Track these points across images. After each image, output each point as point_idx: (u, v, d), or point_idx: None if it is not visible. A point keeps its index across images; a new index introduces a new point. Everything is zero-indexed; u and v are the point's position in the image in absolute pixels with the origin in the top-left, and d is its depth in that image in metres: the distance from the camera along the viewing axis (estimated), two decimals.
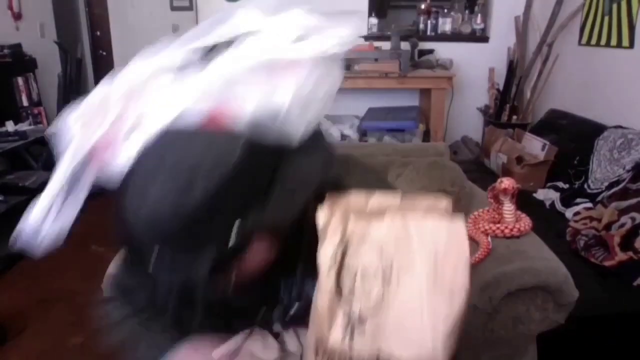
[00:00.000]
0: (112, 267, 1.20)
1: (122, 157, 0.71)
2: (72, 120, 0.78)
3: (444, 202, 0.61)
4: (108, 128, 0.74)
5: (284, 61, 0.73)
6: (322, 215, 0.59)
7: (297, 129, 0.71)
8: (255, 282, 0.74)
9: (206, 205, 0.63)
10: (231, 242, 0.65)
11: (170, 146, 0.69)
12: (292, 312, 0.87)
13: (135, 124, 0.73)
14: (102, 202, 0.77)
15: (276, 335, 0.91)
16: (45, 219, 0.76)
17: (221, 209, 0.64)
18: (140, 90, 0.76)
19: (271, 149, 0.69)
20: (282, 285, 0.87)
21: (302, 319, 0.83)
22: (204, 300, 0.70)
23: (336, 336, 0.55)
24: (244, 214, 0.66)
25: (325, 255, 0.57)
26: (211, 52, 0.77)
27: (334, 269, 0.57)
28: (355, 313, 0.55)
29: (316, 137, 0.75)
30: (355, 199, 0.62)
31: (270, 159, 0.69)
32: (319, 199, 0.67)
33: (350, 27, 0.81)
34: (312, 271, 0.67)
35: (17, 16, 3.73)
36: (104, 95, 0.78)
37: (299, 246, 0.75)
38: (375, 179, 0.96)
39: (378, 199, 0.62)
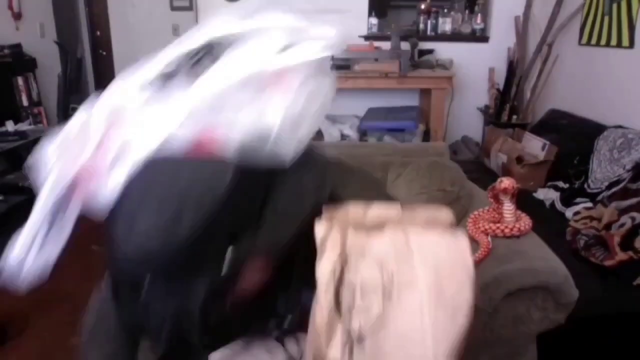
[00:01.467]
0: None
1: (109, 188, 0.68)
2: (51, 151, 0.74)
3: (445, 214, 0.59)
4: (90, 157, 0.70)
5: (271, 73, 0.69)
6: (320, 229, 0.58)
7: (289, 150, 0.68)
8: (251, 300, 0.73)
9: (196, 234, 0.61)
10: (224, 270, 0.64)
11: (157, 175, 0.67)
12: (286, 324, 0.84)
13: (119, 152, 0.69)
14: None
15: (277, 340, 0.90)
16: (28, 253, 0.73)
17: (212, 237, 0.63)
18: (122, 114, 0.72)
19: (262, 172, 0.67)
20: (279, 298, 0.85)
21: (299, 328, 0.82)
22: (200, 326, 0.69)
23: (335, 353, 0.54)
24: (237, 240, 0.64)
25: (324, 270, 0.56)
26: (196, 65, 0.74)
27: (332, 284, 0.55)
28: (355, 330, 0.53)
29: (308, 153, 0.72)
30: (353, 211, 0.61)
31: (261, 182, 0.67)
32: (315, 213, 0.65)
33: (334, 26, 0.77)
34: (308, 280, 0.65)
35: (17, 16, 3.73)
36: (83, 122, 0.75)
37: (294, 260, 0.73)
38: (373, 187, 0.94)
39: (377, 211, 0.60)
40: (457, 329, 0.53)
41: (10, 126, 3.18)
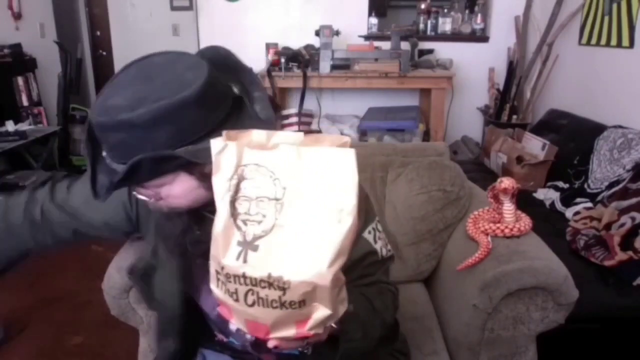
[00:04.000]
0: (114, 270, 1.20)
1: None
2: None
3: (346, 139, 0.63)
4: None
5: None
6: (216, 145, 0.61)
7: None
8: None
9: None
10: None
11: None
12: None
13: None
14: None
15: None
16: None
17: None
18: None
19: None
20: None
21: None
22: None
23: (230, 259, 0.59)
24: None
25: (219, 183, 0.60)
26: None
27: (228, 195, 0.60)
28: (250, 236, 0.59)
29: None
30: (257, 134, 0.64)
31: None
32: None
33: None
34: None
35: (17, 16, 3.73)
36: None
37: None
38: None
39: (280, 137, 0.64)
40: (342, 234, 0.58)
41: (10, 126, 3.18)
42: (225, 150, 0.61)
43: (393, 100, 3.76)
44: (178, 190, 0.78)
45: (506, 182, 1.20)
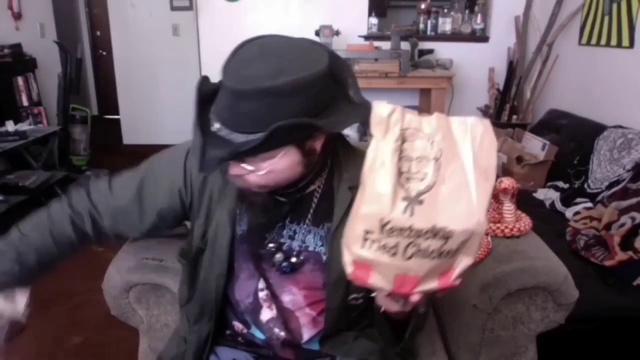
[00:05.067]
0: (115, 268, 1.20)
1: None
2: None
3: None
4: None
5: None
6: (383, 108, 0.67)
7: None
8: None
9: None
10: None
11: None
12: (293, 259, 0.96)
13: None
14: None
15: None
16: None
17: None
18: None
19: None
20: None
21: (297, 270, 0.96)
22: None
23: (398, 213, 0.64)
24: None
25: (386, 145, 0.66)
26: None
27: (396, 155, 0.65)
28: (414, 192, 0.64)
29: None
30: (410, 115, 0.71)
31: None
32: None
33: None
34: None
35: (17, 16, 3.73)
36: None
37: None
38: None
39: (429, 117, 0.70)
40: (489, 189, 0.67)
41: (10, 126, 3.18)
42: (394, 114, 0.66)
43: (393, 100, 3.67)
44: (283, 164, 0.81)
45: (506, 182, 1.21)
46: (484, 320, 1.16)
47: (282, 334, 0.97)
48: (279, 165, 0.81)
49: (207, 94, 0.82)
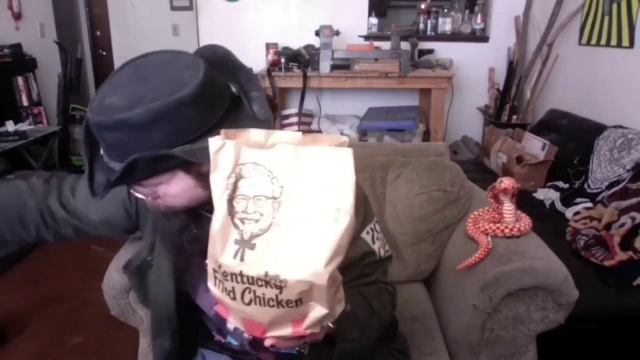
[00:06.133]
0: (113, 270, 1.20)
1: None
2: None
3: (344, 138, 0.63)
4: None
5: None
6: (214, 144, 0.61)
7: None
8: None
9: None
10: None
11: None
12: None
13: None
14: None
15: None
16: None
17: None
18: None
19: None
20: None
21: None
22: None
23: (228, 257, 0.59)
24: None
25: (217, 182, 0.61)
26: None
27: (226, 193, 0.60)
28: (247, 235, 0.59)
29: None
30: (255, 134, 0.64)
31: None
32: None
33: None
34: None
35: (17, 16, 3.73)
36: None
37: None
38: None
39: (279, 136, 0.64)
40: (339, 234, 0.58)
41: (10, 126, 3.18)
42: (223, 149, 0.61)
43: (393, 100, 3.76)
44: (175, 189, 0.77)
45: (506, 182, 1.20)
46: (484, 320, 1.16)
47: (251, 337, 0.96)
48: (172, 190, 0.77)
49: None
